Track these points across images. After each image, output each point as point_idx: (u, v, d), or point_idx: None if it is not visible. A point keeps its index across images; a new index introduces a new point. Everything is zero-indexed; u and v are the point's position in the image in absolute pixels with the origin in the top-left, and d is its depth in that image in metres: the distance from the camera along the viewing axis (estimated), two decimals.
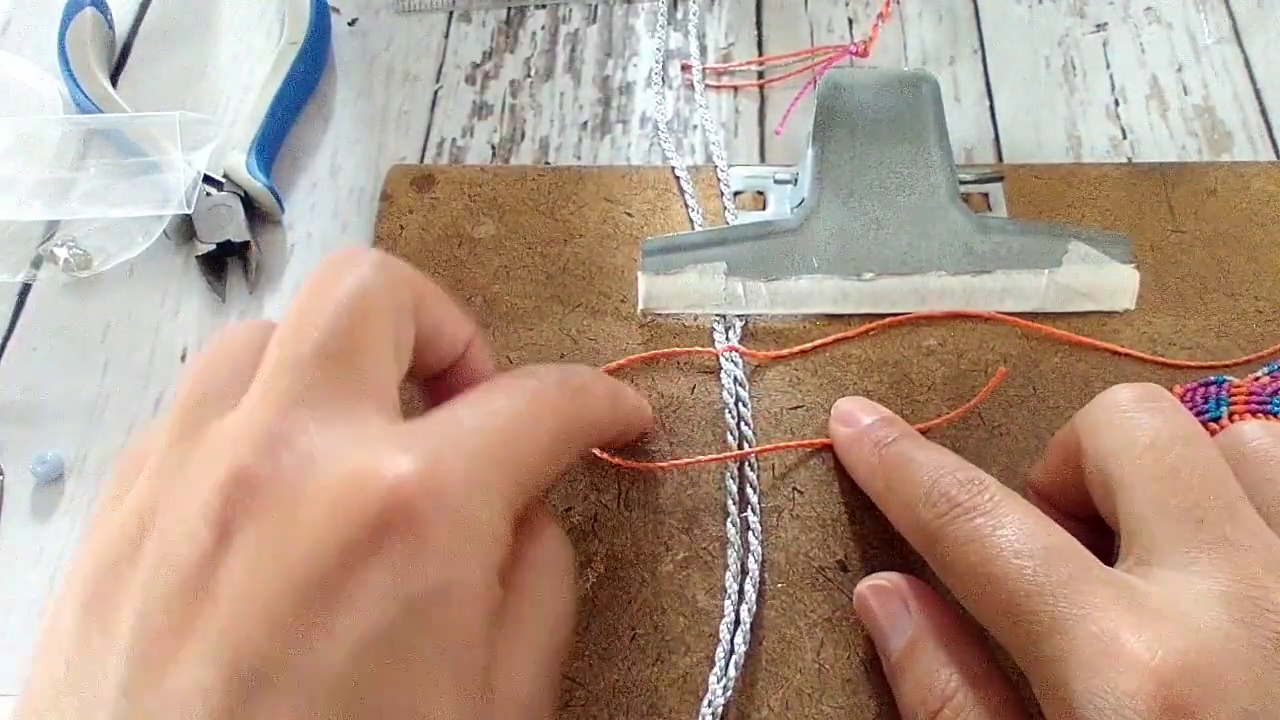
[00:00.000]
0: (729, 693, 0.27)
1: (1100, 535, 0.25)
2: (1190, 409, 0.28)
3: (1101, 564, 0.22)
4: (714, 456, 0.31)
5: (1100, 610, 0.20)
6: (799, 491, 0.31)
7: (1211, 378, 0.28)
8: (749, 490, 0.30)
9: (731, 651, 0.28)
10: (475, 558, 0.20)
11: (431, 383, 0.26)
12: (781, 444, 0.31)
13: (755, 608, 0.28)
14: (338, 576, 0.18)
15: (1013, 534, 0.22)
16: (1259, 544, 0.21)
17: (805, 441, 0.31)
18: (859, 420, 0.30)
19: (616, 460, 0.31)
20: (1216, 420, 0.27)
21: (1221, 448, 0.23)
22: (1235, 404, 0.27)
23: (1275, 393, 0.26)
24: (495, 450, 0.21)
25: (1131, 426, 0.23)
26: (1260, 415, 0.26)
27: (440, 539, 0.19)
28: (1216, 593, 0.20)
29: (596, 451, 0.31)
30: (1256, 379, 0.28)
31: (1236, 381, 0.28)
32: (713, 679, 0.27)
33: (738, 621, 0.28)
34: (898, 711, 0.27)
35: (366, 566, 0.18)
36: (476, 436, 0.21)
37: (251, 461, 0.19)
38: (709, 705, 0.27)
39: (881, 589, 0.27)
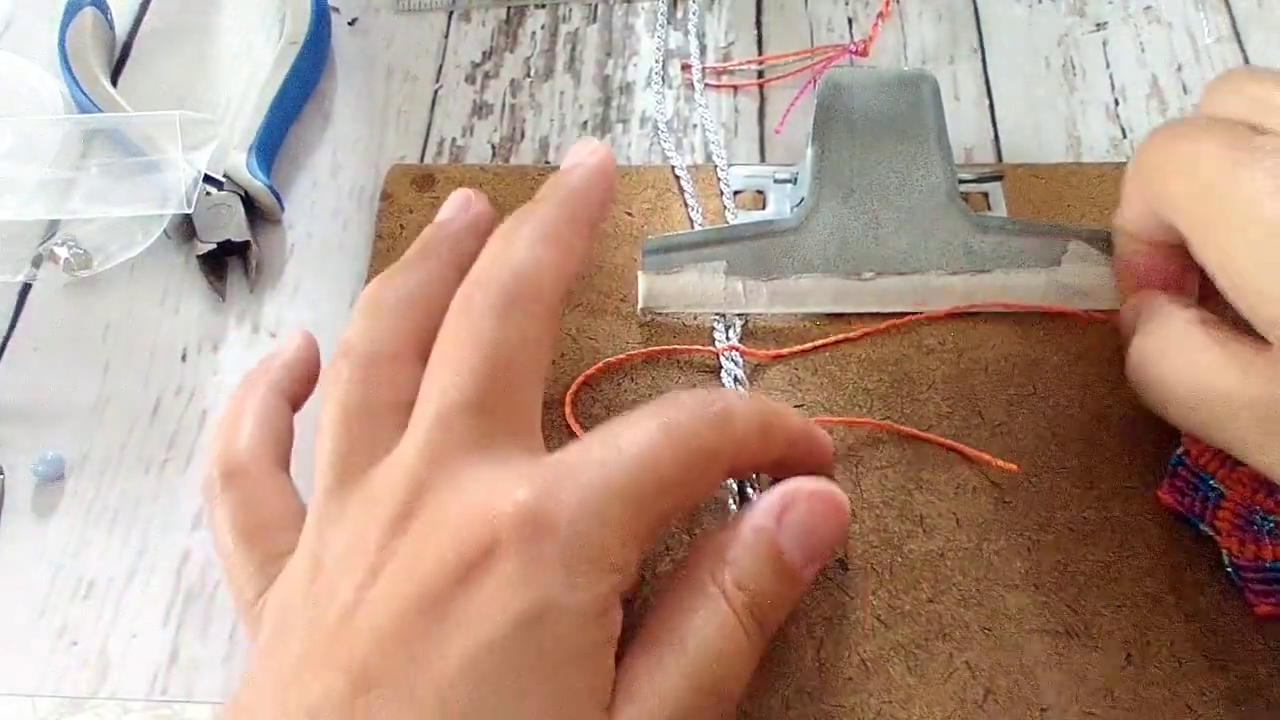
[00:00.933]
0: None
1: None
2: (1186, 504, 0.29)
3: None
4: None
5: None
6: None
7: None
8: (749, 489, 0.30)
9: None
10: (585, 581, 0.21)
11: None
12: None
13: None
14: (451, 595, 0.20)
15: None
16: None
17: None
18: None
19: None
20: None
21: None
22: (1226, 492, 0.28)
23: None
24: (616, 481, 0.22)
25: (1193, 170, 0.24)
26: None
27: (548, 561, 0.20)
28: None
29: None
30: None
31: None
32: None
33: None
34: (898, 712, 0.27)
35: (479, 585, 0.20)
36: (599, 468, 0.22)
37: (404, 506, 0.22)
38: None
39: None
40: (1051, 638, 0.28)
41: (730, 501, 0.30)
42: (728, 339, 0.33)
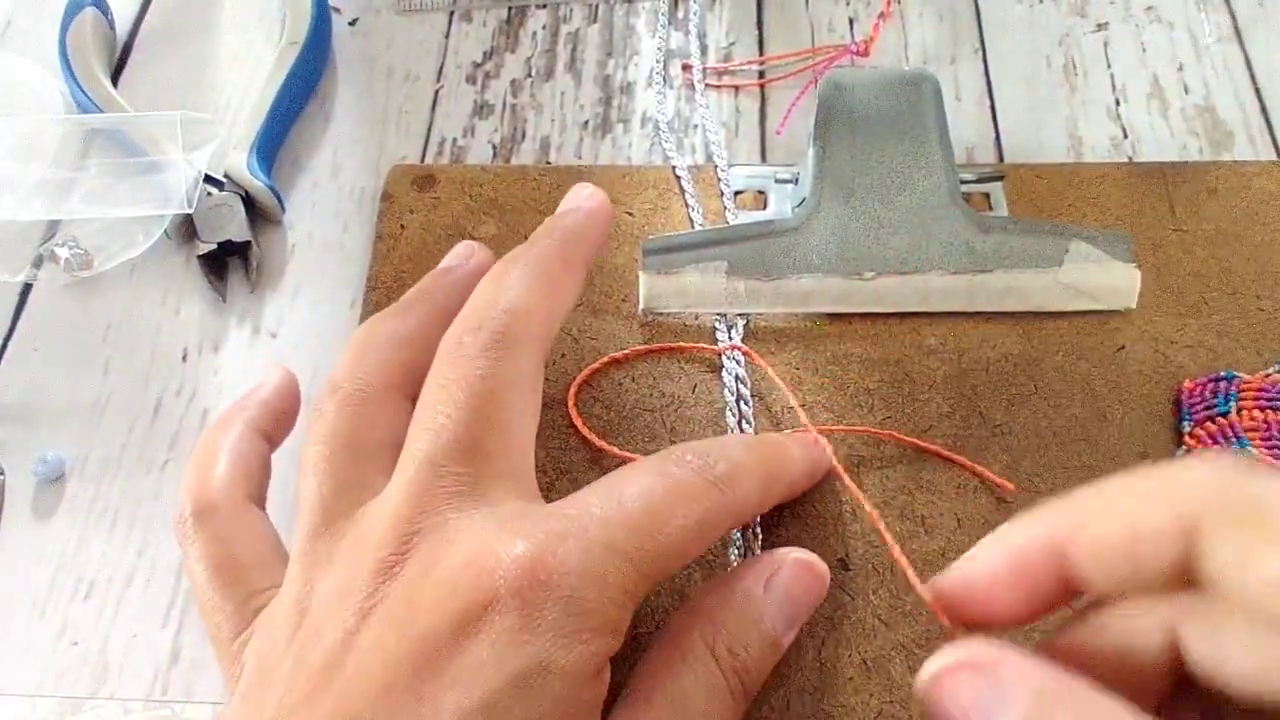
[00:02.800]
0: None
1: None
2: (1199, 404, 0.28)
3: None
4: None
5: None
6: None
7: (1221, 373, 0.28)
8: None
9: None
10: (581, 641, 0.20)
11: None
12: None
13: None
14: (447, 649, 0.20)
15: None
16: None
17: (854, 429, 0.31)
18: None
19: (615, 450, 0.31)
20: (1225, 415, 0.27)
21: None
22: (1244, 399, 0.27)
23: None
24: (617, 540, 0.21)
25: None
26: (1268, 410, 0.26)
27: (547, 619, 0.20)
28: None
29: (599, 441, 0.31)
30: (1267, 375, 0.28)
31: (1246, 377, 0.27)
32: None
33: None
34: (898, 712, 0.27)
35: (474, 640, 0.20)
36: (600, 525, 0.21)
37: (393, 552, 0.21)
38: None
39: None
40: (1052, 638, 0.28)
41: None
42: (729, 339, 0.33)
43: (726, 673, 0.23)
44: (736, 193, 0.37)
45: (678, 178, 0.38)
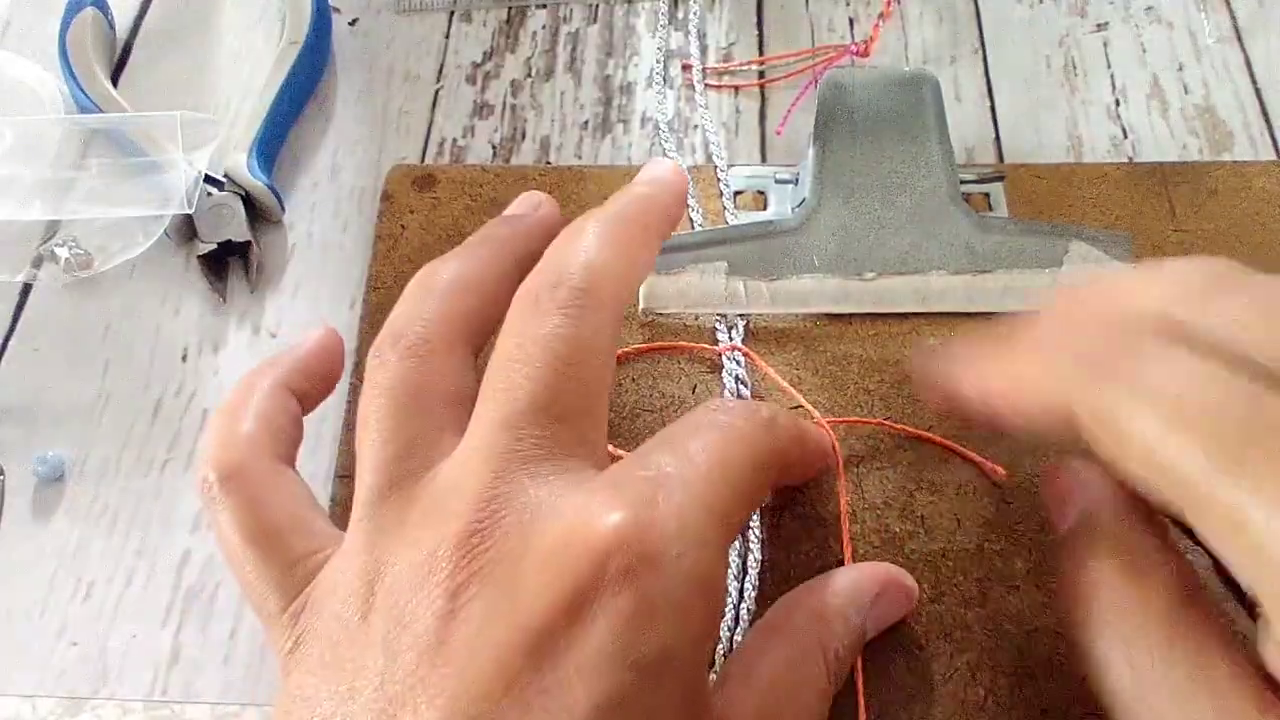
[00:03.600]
0: None
1: None
2: None
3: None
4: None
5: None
6: (799, 491, 0.31)
7: None
8: None
9: (729, 651, 0.28)
10: (699, 611, 0.19)
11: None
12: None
13: (755, 607, 0.28)
14: (564, 637, 0.18)
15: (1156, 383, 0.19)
16: None
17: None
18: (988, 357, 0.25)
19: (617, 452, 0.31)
20: None
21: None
22: None
23: None
24: (703, 495, 0.20)
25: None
26: None
27: (662, 597, 0.19)
28: None
29: None
30: None
31: None
32: (713, 679, 0.27)
33: (737, 620, 0.28)
34: (898, 712, 0.27)
35: (591, 626, 0.18)
36: (683, 486, 0.20)
37: (475, 523, 0.19)
38: None
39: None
40: (1053, 638, 0.28)
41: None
42: (730, 339, 0.33)
43: (831, 675, 0.23)
44: (736, 193, 0.37)
45: None
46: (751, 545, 0.29)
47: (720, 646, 0.28)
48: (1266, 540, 0.17)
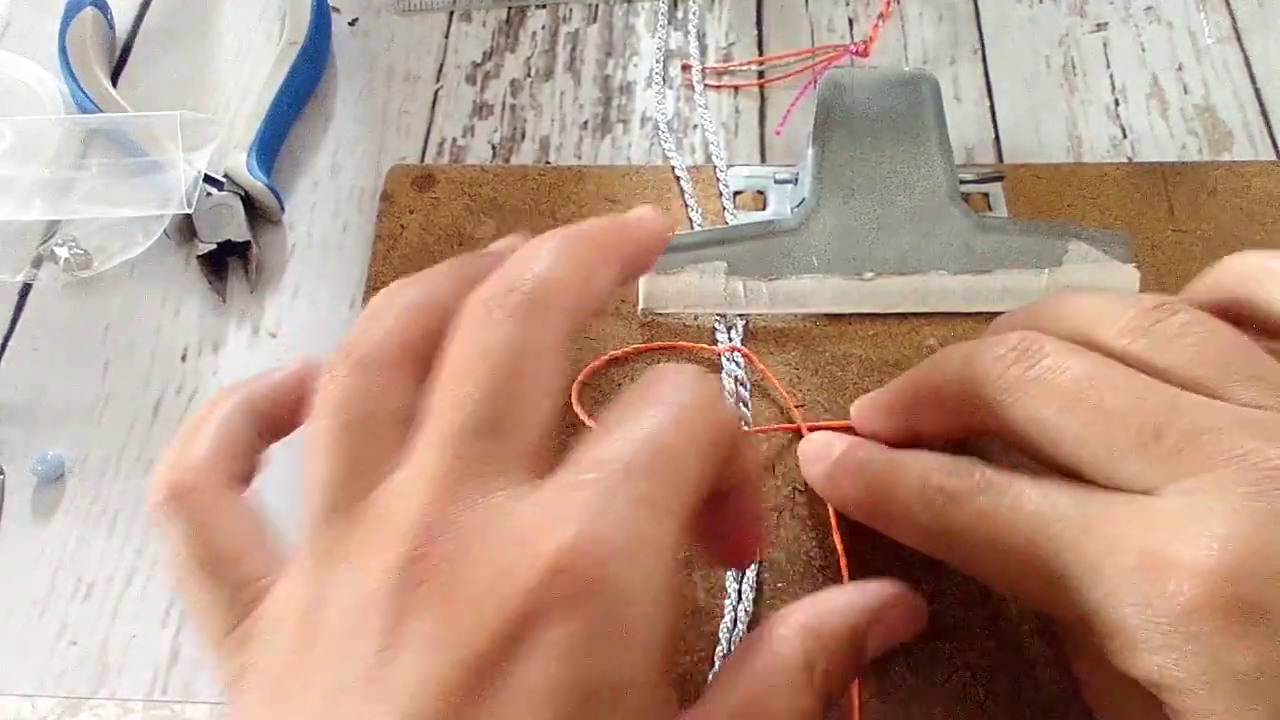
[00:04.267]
0: None
1: None
2: None
3: (1115, 491, 0.21)
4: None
5: (1132, 535, 0.20)
6: (799, 491, 0.31)
7: None
8: None
9: (728, 653, 0.28)
10: (652, 627, 0.19)
11: (710, 505, 0.24)
12: (774, 426, 0.31)
13: (753, 608, 0.28)
14: (505, 667, 0.18)
15: (1013, 501, 0.22)
16: (1225, 420, 0.21)
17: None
18: (830, 453, 0.29)
19: None
20: None
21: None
22: None
23: None
24: (651, 495, 0.19)
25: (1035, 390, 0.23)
26: None
27: (613, 615, 0.18)
28: (1225, 485, 0.20)
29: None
30: None
31: None
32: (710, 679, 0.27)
33: (735, 623, 0.28)
34: (898, 712, 0.27)
35: (535, 655, 0.18)
36: (629, 487, 0.19)
37: (415, 550, 0.19)
38: None
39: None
40: (1053, 638, 0.28)
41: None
42: (729, 339, 0.33)
43: (817, 694, 0.22)
44: (736, 193, 0.37)
45: (677, 178, 0.38)
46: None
47: (719, 648, 0.28)
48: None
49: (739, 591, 0.29)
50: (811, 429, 0.31)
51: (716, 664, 0.28)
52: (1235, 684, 0.19)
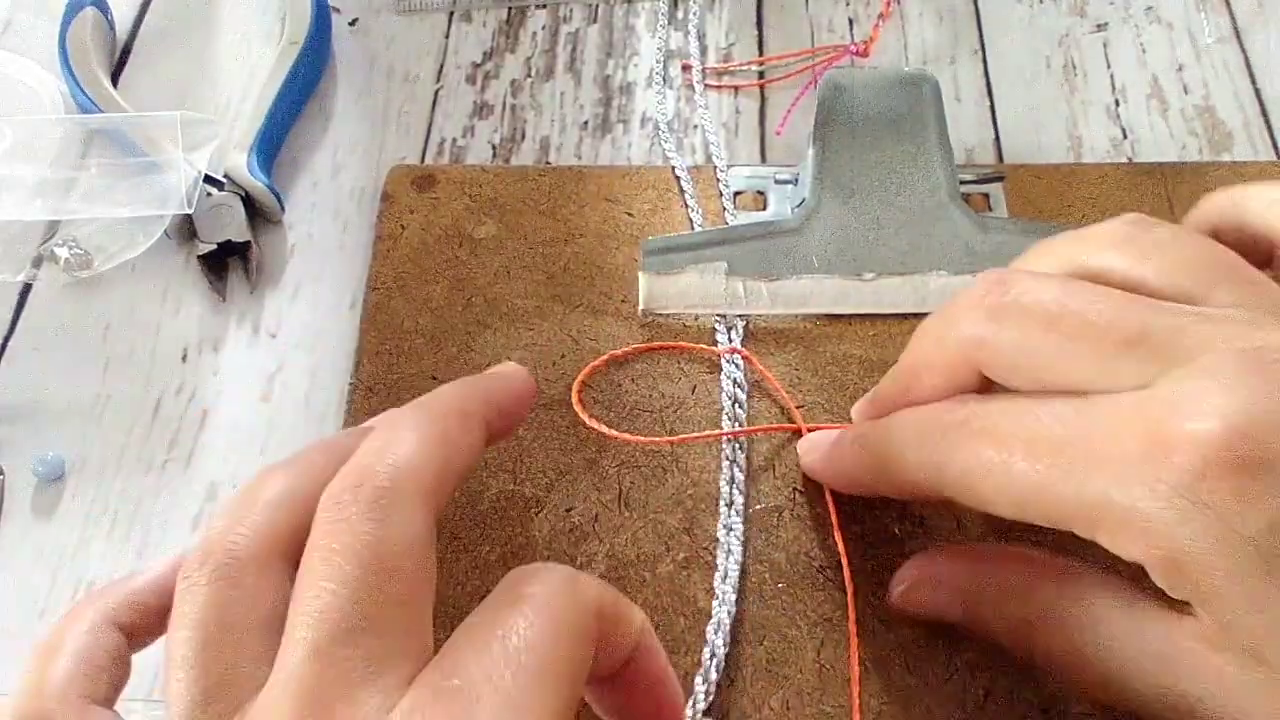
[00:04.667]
0: (710, 697, 0.27)
1: None
2: None
3: (1110, 393, 0.22)
4: (710, 434, 0.31)
5: (1134, 421, 0.20)
6: (799, 491, 0.31)
7: None
8: (736, 492, 0.30)
9: (713, 655, 0.28)
10: None
11: (603, 681, 0.23)
12: (770, 426, 0.31)
13: (735, 609, 0.28)
14: None
15: (1011, 415, 0.22)
16: (1209, 318, 0.21)
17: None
18: (828, 441, 0.29)
19: (626, 436, 0.31)
20: None
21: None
22: None
23: None
24: (514, 695, 0.18)
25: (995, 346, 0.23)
26: None
27: None
28: (1217, 366, 0.20)
29: (604, 429, 0.31)
30: None
31: None
32: (698, 680, 0.27)
33: (718, 625, 0.28)
34: (898, 712, 0.27)
35: None
36: (493, 691, 0.18)
37: None
38: (692, 708, 0.27)
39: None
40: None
41: (722, 504, 0.30)
42: (729, 340, 0.33)
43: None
44: (736, 193, 0.37)
45: (677, 178, 0.38)
46: (732, 548, 0.29)
47: (706, 650, 0.28)
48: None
49: (724, 593, 0.29)
50: (811, 429, 0.31)
51: (705, 664, 0.28)
52: (1246, 548, 0.19)
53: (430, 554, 0.21)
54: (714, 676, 0.27)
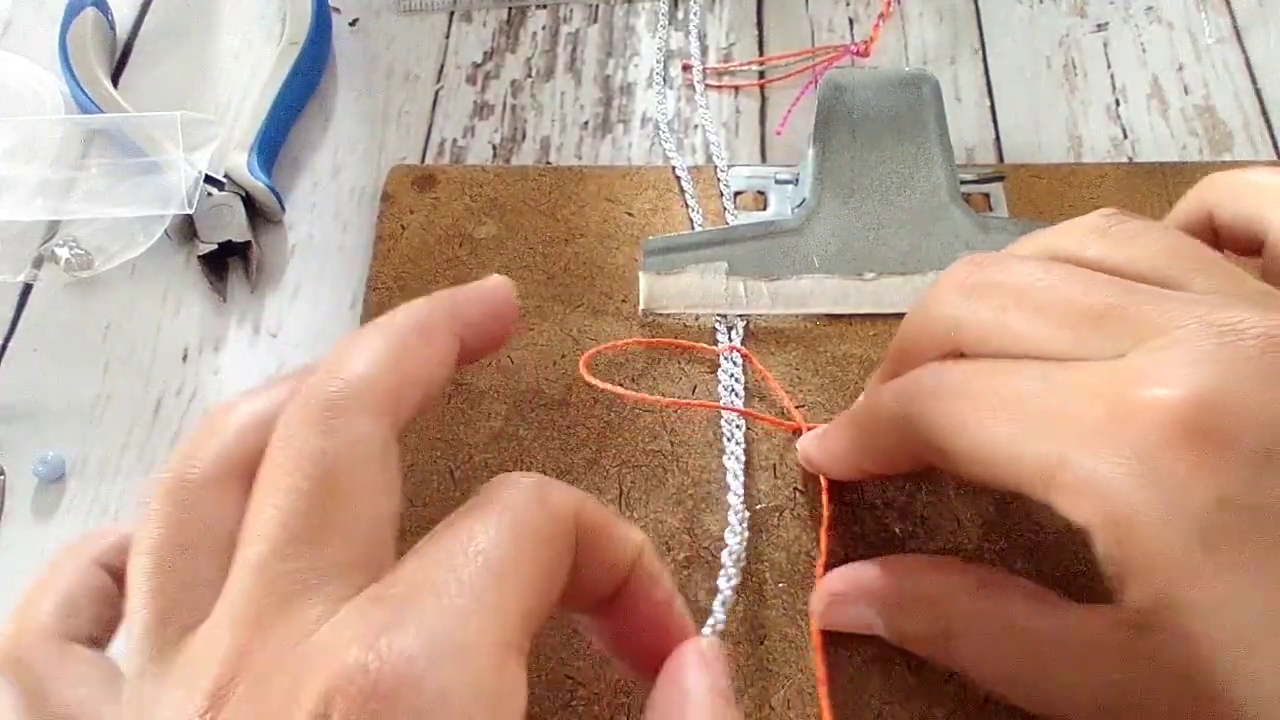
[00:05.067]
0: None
1: None
2: None
3: (1072, 362, 0.22)
4: (702, 403, 0.31)
5: (1101, 387, 0.21)
6: (799, 491, 0.31)
7: None
8: (736, 492, 0.30)
9: None
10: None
11: (600, 609, 0.22)
12: (768, 418, 0.31)
13: (736, 608, 0.28)
14: None
15: (981, 382, 0.23)
16: (1183, 297, 0.21)
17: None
18: (820, 429, 0.30)
19: (644, 396, 0.31)
20: None
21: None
22: None
23: None
24: (461, 602, 0.18)
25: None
26: None
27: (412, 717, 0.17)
28: (1189, 339, 0.20)
29: (618, 389, 0.31)
30: None
31: None
32: None
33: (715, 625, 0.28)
34: (898, 712, 0.27)
35: None
36: (436, 595, 0.18)
37: (216, 693, 0.18)
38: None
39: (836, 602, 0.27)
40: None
41: (728, 500, 0.30)
42: (729, 339, 0.33)
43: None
44: (736, 193, 0.37)
45: (678, 178, 0.38)
46: (731, 545, 0.29)
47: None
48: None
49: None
50: (811, 430, 0.31)
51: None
52: (1193, 519, 0.19)
53: (387, 467, 0.21)
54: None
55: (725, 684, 0.21)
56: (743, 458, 0.31)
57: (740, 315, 0.34)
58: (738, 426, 0.32)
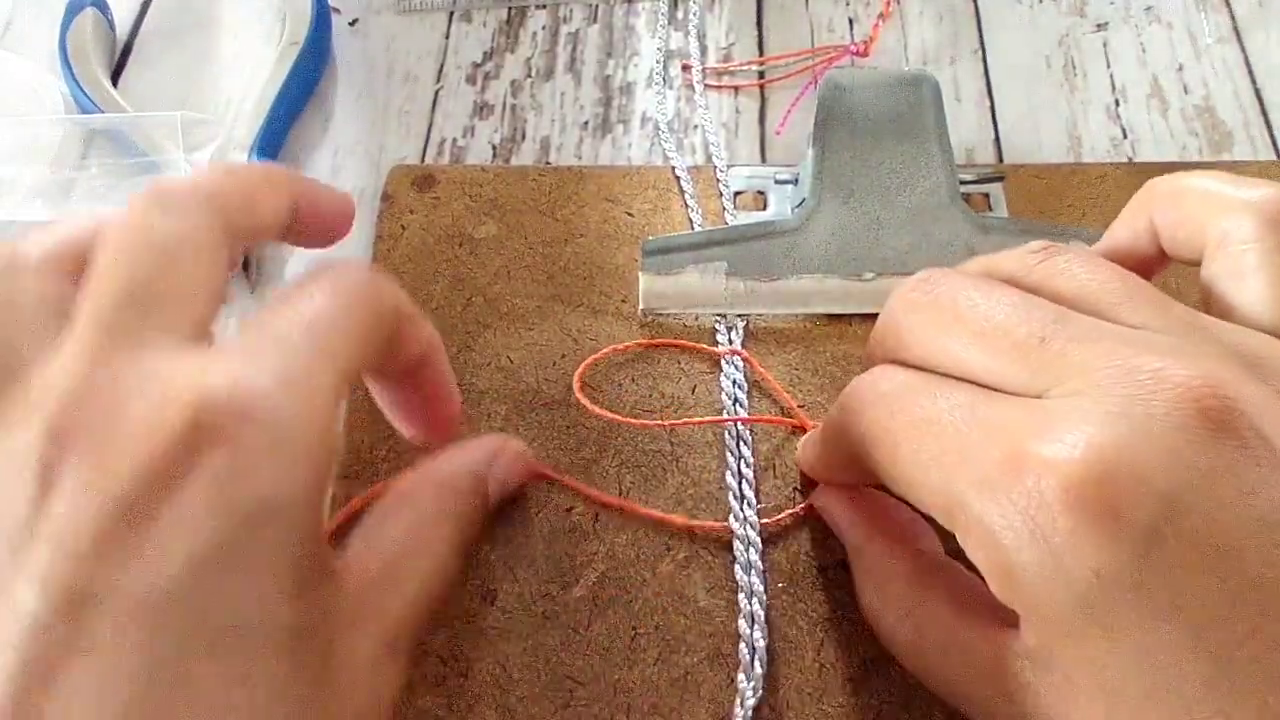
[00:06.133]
0: (759, 693, 0.27)
1: None
2: None
3: (996, 394, 0.21)
4: (705, 420, 0.31)
5: (1008, 428, 0.20)
6: (799, 491, 0.31)
7: None
8: (736, 492, 0.30)
9: (753, 650, 0.28)
10: (304, 458, 0.20)
11: (397, 381, 0.26)
12: (768, 417, 0.31)
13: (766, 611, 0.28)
14: (157, 496, 0.19)
15: (909, 399, 0.23)
16: (1109, 332, 0.21)
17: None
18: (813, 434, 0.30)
19: (632, 420, 0.31)
20: None
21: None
22: None
23: None
24: (302, 345, 0.21)
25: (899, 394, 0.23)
26: None
27: (263, 445, 0.19)
28: (1104, 388, 0.20)
29: (609, 414, 0.31)
30: None
31: None
32: (741, 679, 0.27)
33: (753, 619, 0.28)
34: (898, 712, 0.27)
35: (188, 484, 0.19)
36: (277, 338, 0.21)
37: (67, 407, 0.19)
38: (740, 706, 0.27)
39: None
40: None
41: (730, 498, 0.30)
42: (729, 340, 0.33)
43: (459, 534, 0.26)
44: (736, 193, 0.37)
45: (677, 178, 0.38)
46: (752, 539, 0.29)
47: (743, 646, 0.28)
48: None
49: (750, 587, 0.29)
50: (814, 427, 0.31)
51: (741, 660, 0.28)
52: (1071, 586, 0.19)
53: (220, 257, 0.22)
54: (759, 670, 0.27)
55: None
56: (746, 454, 0.31)
57: (740, 315, 0.34)
58: (735, 427, 0.32)
